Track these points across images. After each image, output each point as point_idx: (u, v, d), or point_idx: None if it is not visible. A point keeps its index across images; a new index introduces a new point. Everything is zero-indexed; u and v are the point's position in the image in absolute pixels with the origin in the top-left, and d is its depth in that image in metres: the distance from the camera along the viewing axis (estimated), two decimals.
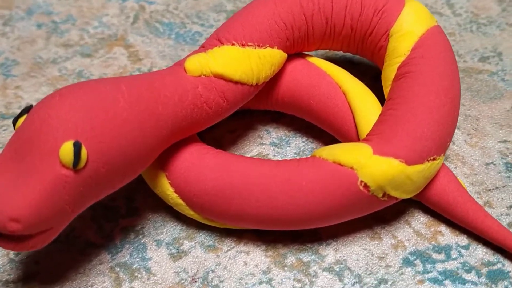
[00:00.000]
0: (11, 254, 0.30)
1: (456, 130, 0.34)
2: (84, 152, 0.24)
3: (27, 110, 0.25)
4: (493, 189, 0.31)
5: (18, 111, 0.36)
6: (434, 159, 0.28)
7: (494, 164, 0.32)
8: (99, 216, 0.31)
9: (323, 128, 0.33)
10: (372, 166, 0.27)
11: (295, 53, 0.33)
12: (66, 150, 0.23)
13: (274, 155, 0.33)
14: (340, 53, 0.38)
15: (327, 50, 0.36)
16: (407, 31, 0.30)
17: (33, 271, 0.29)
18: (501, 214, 0.30)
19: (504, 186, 0.31)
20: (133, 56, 0.39)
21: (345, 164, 0.27)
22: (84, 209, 0.26)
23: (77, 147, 0.24)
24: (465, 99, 0.35)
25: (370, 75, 0.36)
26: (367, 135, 0.29)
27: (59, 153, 0.24)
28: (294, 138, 0.34)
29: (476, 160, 0.32)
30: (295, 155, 0.33)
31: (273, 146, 0.34)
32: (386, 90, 0.30)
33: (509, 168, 0.32)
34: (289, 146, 0.33)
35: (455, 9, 0.40)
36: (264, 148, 0.33)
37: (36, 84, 0.37)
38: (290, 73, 0.32)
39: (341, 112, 0.31)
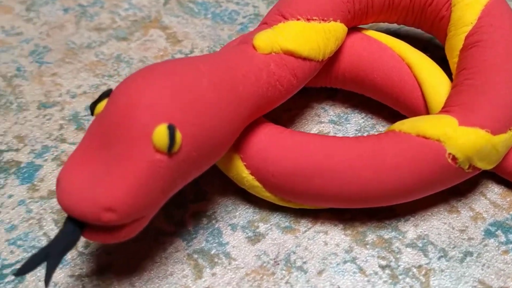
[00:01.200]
0: (80, 247, 0.28)
1: None
2: (178, 135, 0.23)
3: (106, 94, 0.24)
4: None
5: (59, 99, 0.34)
6: None
7: None
8: (166, 203, 0.30)
9: (385, 103, 0.32)
10: (460, 138, 0.26)
11: (352, 26, 0.32)
12: (160, 133, 0.22)
13: (335, 133, 0.32)
14: (385, 26, 0.37)
15: (371, 24, 0.36)
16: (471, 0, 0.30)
17: (106, 262, 0.28)
18: None
19: None
20: (171, 38, 0.37)
21: (430, 137, 0.26)
22: (171, 196, 0.25)
23: (172, 130, 0.22)
24: None
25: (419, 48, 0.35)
26: (445, 107, 0.28)
27: (152, 137, 0.22)
28: (352, 115, 0.33)
29: None
30: (357, 132, 0.32)
31: (332, 123, 0.33)
32: (453, 61, 0.30)
33: None
34: (348, 123, 0.33)
35: None
36: (323, 126, 0.33)
37: (73, 70, 0.36)
38: (350, 47, 0.32)
39: (407, 85, 0.31)
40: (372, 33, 0.32)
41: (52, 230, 0.29)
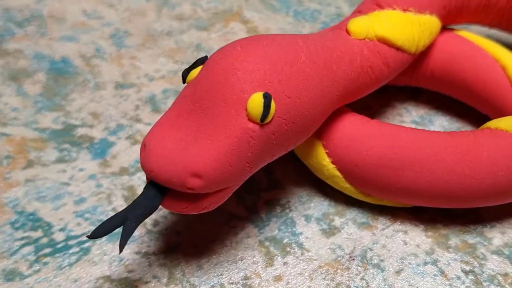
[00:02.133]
0: (149, 225, 0.27)
1: None
2: (273, 105, 0.22)
3: (202, 61, 0.23)
4: None
5: (137, 81, 0.34)
6: None
7: None
8: (239, 188, 0.29)
9: (473, 105, 0.31)
10: None
11: (445, 25, 0.31)
12: (256, 102, 0.22)
13: None
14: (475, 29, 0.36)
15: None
16: None
17: (174, 242, 0.27)
18: None
19: None
20: (252, 32, 0.37)
21: None
22: (258, 169, 0.24)
23: (267, 99, 0.22)
24: None
25: None
26: None
27: (247, 105, 0.22)
28: (436, 117, 0.32)
29: None
30: None
31: (414, 124, 0.32)
32: None
33: None
34: (432, 125, 0.31)
35: None
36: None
37: (153, 55, 0.36)
38: (441, 45, 0.30)
39: (500, 87, 0.29)
40: (464, 33, 0.31)
41: (121, 206, 0.28)
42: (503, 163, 0.25)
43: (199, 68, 0.23)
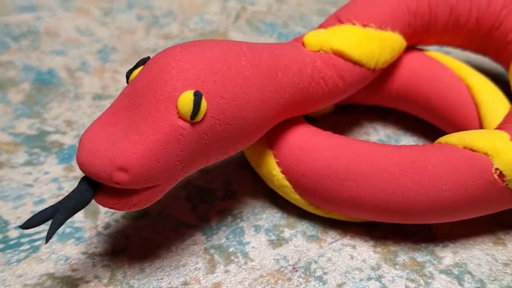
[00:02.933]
0: (100, 227, 0.28)
1: None
2: (204, 103, 0.22)
3: (143, 61, 0.24)
4: None
5: (115, 93, 0.35)
6: None
7: None
8: (194, 196, 0.29)
9: (437, 124, 0.30)
10: (510, 153, 0.24)
11: (413, 44, 0.31)
12: (186, 99, 0.22)
13: None
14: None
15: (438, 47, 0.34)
16: None
17: (122, 245, 0.27)
18: None
19: None
20: None
21: (478, 150, 0.24)
22: (192, 171, 0.24)
23: (197, 97, 0.22)
24: None
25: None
26: (499, 125, 0.26)
27: (177, 102, 0.22)
28: (403, 137, 0.32)
29: None
30: None
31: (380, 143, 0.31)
32: None
33: None
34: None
35: None
36: None
37: None
38: (408, 64, 0.30)
39: (464, 106, 0.29)
40: (432, 54, 0.31)
41: None
42: (448, 177, 0.24)
43: (140, 68, 0.24)
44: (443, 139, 0.26)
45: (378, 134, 0.32)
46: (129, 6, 0.42)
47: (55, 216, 0.22)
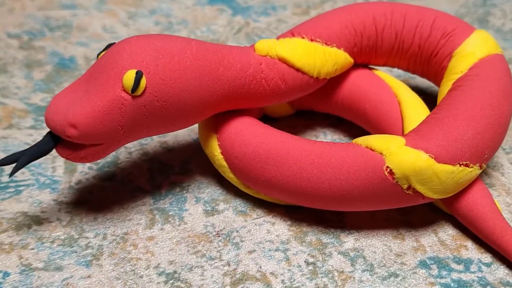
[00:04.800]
0: (73, 182, 0.33)
1: (509, 165, 0.34)
2: (143, 81, 0.27)
3: (109, 46, 0.30)
4: None
5: None
6: (466, 165, 0.28)
7: None
8: (154, 168, 0.34)
9: (372, 133, 0.34)
10: (400, 155, 0.28)
11: (362, 63, 0.35)
12: (129, 76, 0.27)
13: None
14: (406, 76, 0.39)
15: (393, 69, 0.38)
16: (469, 52, 0.32)
17: (85, 198, 0.33)
18: None
19: None
20: None
21: (375, 149, 0.28)
22: (133, 139, 0.29)
23: (138, 75, 0.27)
24: None
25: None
26: (407, 133, 0.30)
27: (122, 78, 0.27)
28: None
29: None
30: None
31: None
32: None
33: None
34: None
35: None
36: None
37: None
38: (353, 79, 0.34)
39: (392, 119, 0.32)
40: (378, 72, 0.35)
41: (61, 166, 0.34)
42: (345, 169, 0.28)
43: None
44: (355, 140, 0.30)
45: (326, 138, 0.36)
46: (152, 13, 0.48)
47: (20, 158, 0.28)
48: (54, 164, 0.35)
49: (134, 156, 0.35)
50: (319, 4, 0.49)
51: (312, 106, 0.36)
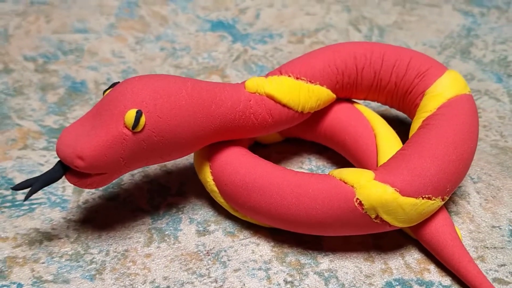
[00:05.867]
0: (80, 202, 0.37)
1: (475, 194, 0.37)
2: (143, 119, 0.31)
3: (114, 85, 0.33)
4: (491, 247, 0.34)
5: None
6: (429, 198, 0.32)
7: (500, 228, 0.35)
8: (153, 190, 0.38)
9: (351, 161, 0.38)
10: (369, 188, 0.31)
11: (344, 97, 0.39)
12: (130, 115, 0.31)
13: None
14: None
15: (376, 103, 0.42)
16: (439, 92, 0.35)
17: (91, 216, 0.36)
18: (490, 269, 0.33)
19: (502, 248, 0.34)
20: None
21: (348, 182, 0.32)
22: (134, 168, 0.33)
23: (138, 114, 0.31)
24: (493, 171, 0.38)
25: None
26: (378, 167, 0.33)
27: (124, 116, 0.31)
28: (329, 169, 0.39)
29: (484, 221, 0.35)
30: None
31: (309, 171, 0.39)
32: None
33: None
34: None
35: None
36: None
37: None
38: (335, 112, 0.38)
39: (367, 150, 0.36)
40: (359, 106, 0.38)
41: (70, 187, 0.38)
42: (320, 199, 0.32)
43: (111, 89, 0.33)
44: (331, 172, 0.33)
45: (311, 164, 0.40)
46: (158, 38, 0.52)
47: (34, 184, 0.32)
48: (64, 184, 0.38)
49: (136, 178, 0.39)
50: (313, 33, 0.52)
51: (299, 135, 0.40)
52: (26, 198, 0.32)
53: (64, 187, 0.38)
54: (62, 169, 0.32)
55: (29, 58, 0.50)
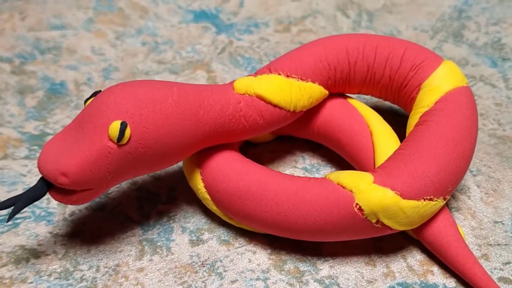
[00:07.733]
0: (67, 214, 0.36)
1: (475, 188, 0.36)
2: (128, 131, 0.29)
3: (95, 94, 0.32)
4: (494, 244, 0.33)
5: None
6: (430, 199, 0.30)
7: (503, 224, 0.34)
8: (142, 197, 0.36)
9: (345, 158, 0.36)
10: (369, 193, 0.30)
11: (337, 92, 0.37)
12: (114, 127, 0.29)
13: None
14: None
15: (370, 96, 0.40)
16: (435, 86, 0.34)
17: (79, 230, 0.35)
18: (495, 268, 0.32)
19: (506, 244, 0.33)
20: (211, 80, 0.45)
21: (346, 187, 0.30)
22: (122, 181, 0.31)
23: (123, 126, 0.29)
24: (493, 163, 0.37)
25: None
26: (375, 168, 0.32)
27: (108, 128, 0.29)
28: (324, 167, 0.38)
29: (486, 217, 0.34)
30: None
31: (304, 170, 0.38)
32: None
33: None
34: (317, 173, 0.37)
35: (509, 84, 0.43)
36: (295, 171, 0.38)
37: None
38: (329, 108, 0.36)
39: (364, 149, 0.35)
40: (353, 101, 0.37)
41: None
42: (319, 206, 0.30)
43: (93, 98, 0.31)
44: (328, 175, 0.32)
45: (305, 162, 0.38)
46: (139, 32, 0.50)
47: (16, 204, 0.30)
48: (49, 196, 0.37)
49: (123, 185, 0.37)
50: (300, 20, 0.50)
51: (292, 133, 0.38)
52: (9, 219, 0.30)
53: (49, 199, 0.37)
54: (46, 186, 0.30)
55: (4, 59, 0.47)
